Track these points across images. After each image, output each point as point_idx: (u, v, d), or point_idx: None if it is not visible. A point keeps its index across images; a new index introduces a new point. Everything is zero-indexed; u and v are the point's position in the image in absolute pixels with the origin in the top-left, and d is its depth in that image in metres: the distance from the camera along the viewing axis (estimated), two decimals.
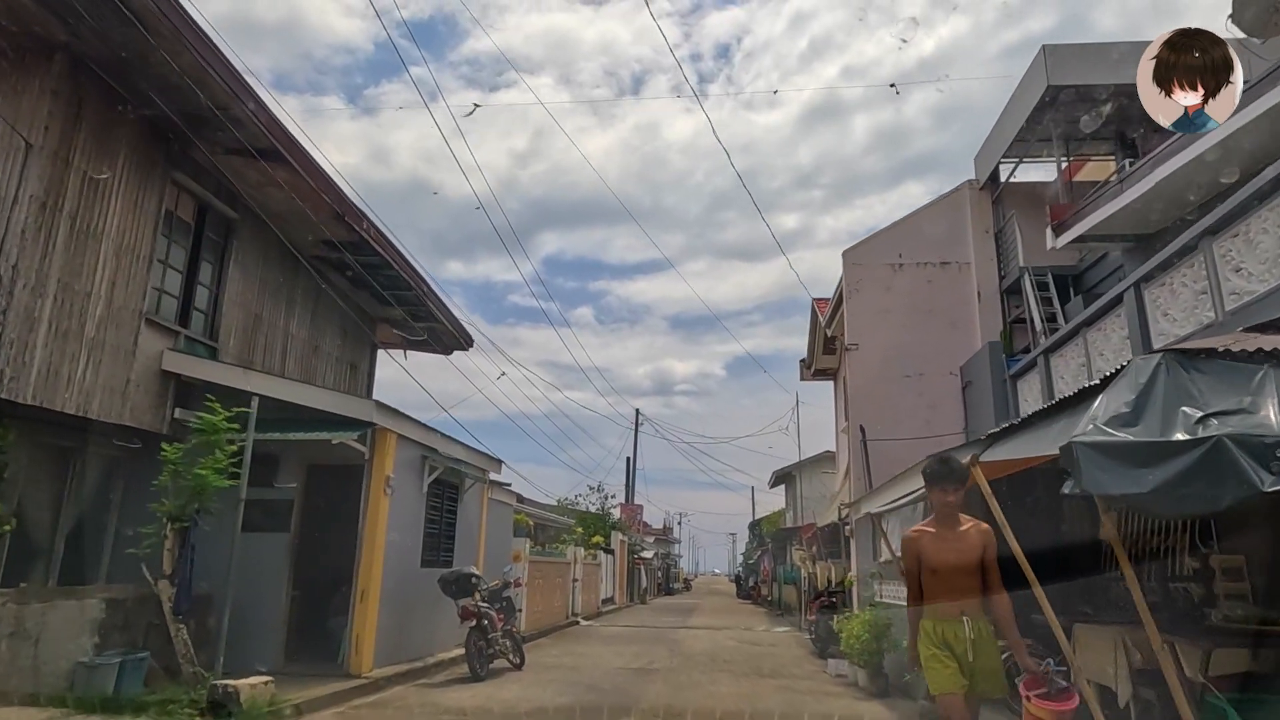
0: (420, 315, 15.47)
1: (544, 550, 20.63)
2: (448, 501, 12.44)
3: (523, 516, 16.94)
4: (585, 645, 16.07)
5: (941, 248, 15.49)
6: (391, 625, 10.16)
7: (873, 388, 15.06)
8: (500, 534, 15.37)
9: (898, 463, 13.90)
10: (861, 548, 13.66)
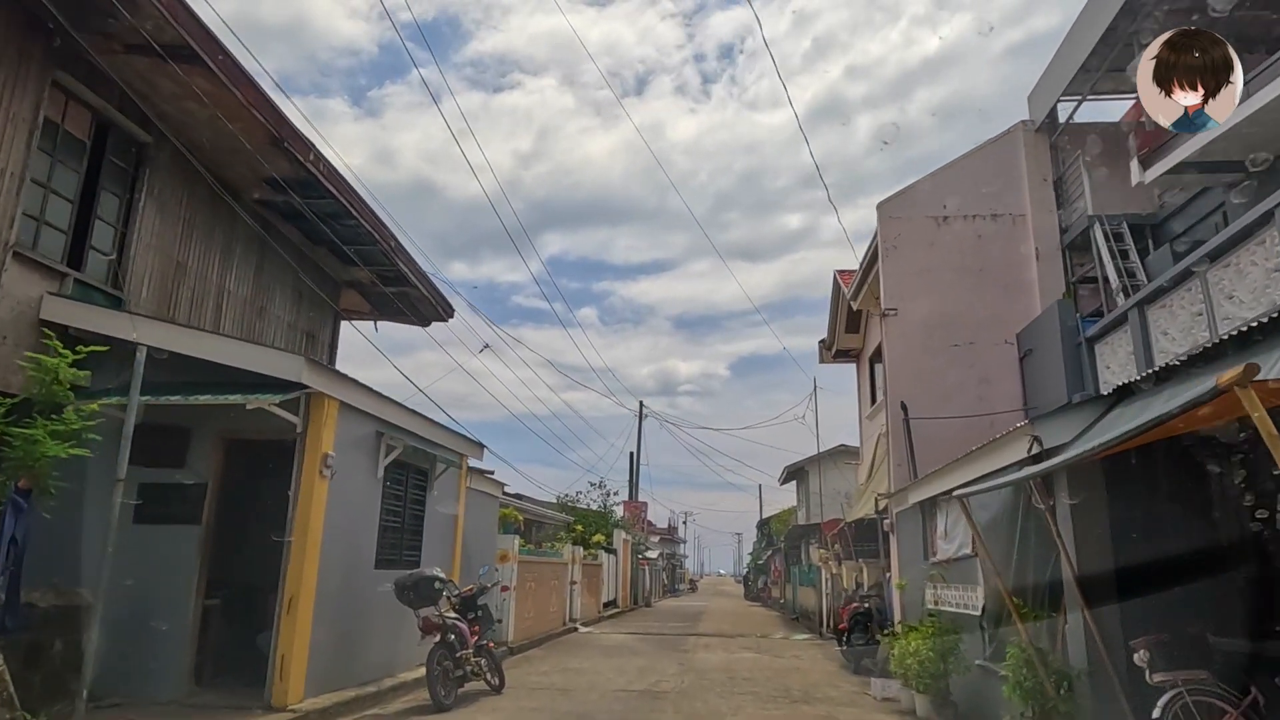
0: (390, 278, 13.40)
1: (538, 549, 18.56)
2: (413, 490, 10.37)
3: (511, 510, 14.92)
4: (582, 658, 13.99)
5: (992, 198, 13.38)
6: (332, 642, 8.10)
7: (915, 359, 12.96)
8: (483, 530, 13.31)
9: (946, 445, 11.83)
10: (906, 545, 11.56)
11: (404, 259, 12.92)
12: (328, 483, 7.95)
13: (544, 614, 17.44)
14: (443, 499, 11.24)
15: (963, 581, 8.75)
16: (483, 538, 13.37)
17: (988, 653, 7.73)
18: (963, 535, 8.78)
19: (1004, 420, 12.16)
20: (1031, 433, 6.13)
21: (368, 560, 9.01)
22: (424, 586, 8.42)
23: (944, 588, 9.34)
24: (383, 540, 9.41)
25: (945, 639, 8.07)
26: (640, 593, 36.40)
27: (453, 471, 11.52)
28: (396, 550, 9.80)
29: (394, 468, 9.67)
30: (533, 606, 16.35)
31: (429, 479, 10.79)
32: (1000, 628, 7.31)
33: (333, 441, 8.04)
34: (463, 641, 8.80)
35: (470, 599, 9.59)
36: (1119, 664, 5.71)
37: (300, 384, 7.53)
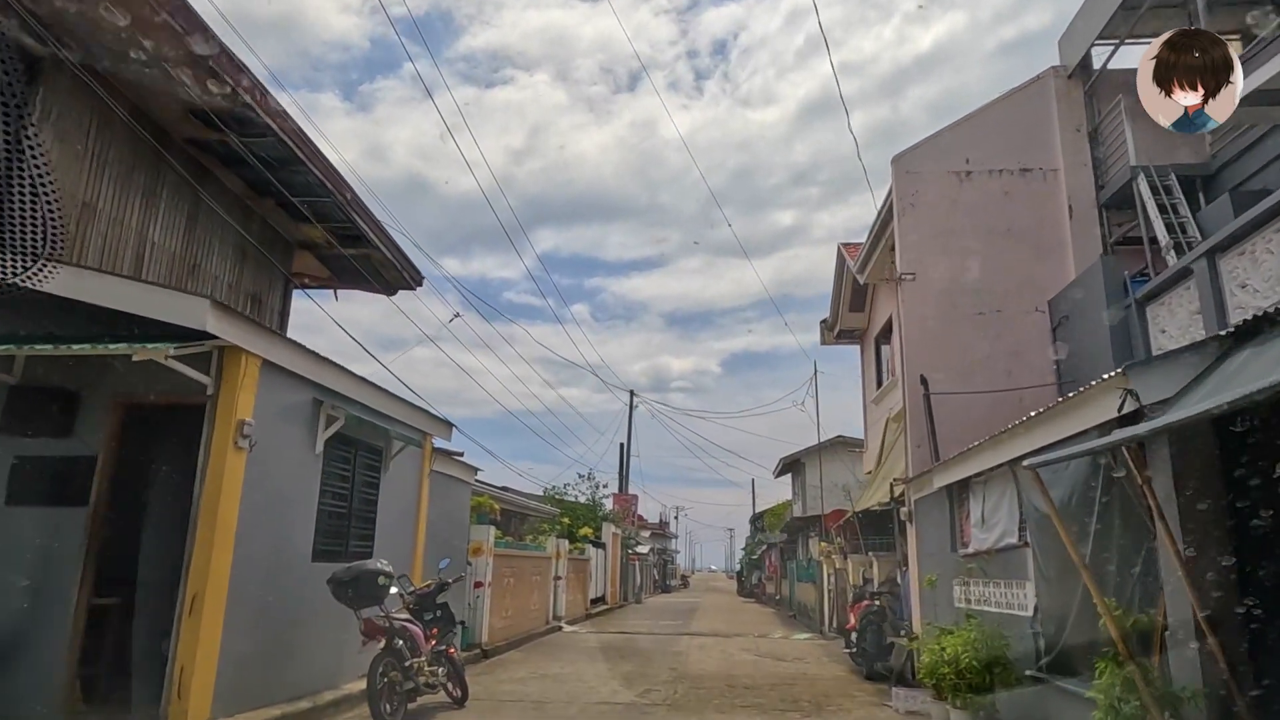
0: (349, 238, 11.97)
1: (518, 542, 17.17)
2: (364, 471, 8.97)
3: (486, 499, 13.55)
4: (564, 661, 12.63)
5: (1020, 151, 12.04)
6: (252, 649, 6.70)
7: (935, 330, 11.61)
8: (451, 519, 11.91)
9: (971, 424, 10.51)
10: (929, 535, 10.23)
11: (363, 215, 11.48)
12: (245, 455, 6.54)
13: (524, 612, 16.06)
14: (401, 483, 9.84)
15: (1006, 576, 7.41)
16: (452, 528, 11.97)
17: (1043, 662, 6.39)
18: (1006, 522, 7.45)
19: (1036, 396, 10.86)
20: (1124, 385, 4.78)
21: (303, 552, 7.60)
22: (366, 582, 7.02)
23: (981, 584, 8.00)
24: (324, 528, 8.00)
25: (992, 645, 6.73)
26: (630, 589, 35.07)
27: (413, 452, 10.11)
28: (341, 540, 8.40)
29: (338, 443, 8.27)
30: (511, 604, 14.97)
31: (383, 459, 9.38)
32: (1064, 633, 5.97)
33: (252, 406, 6.63)
34: (415, 647, 7.41)
35: (428, 597, 8.21)
36: (1244, 684, 4.37)
37: (204, 333, 6.11)
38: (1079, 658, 5.85)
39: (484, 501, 13.42)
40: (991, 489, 7.84)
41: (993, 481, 7.83)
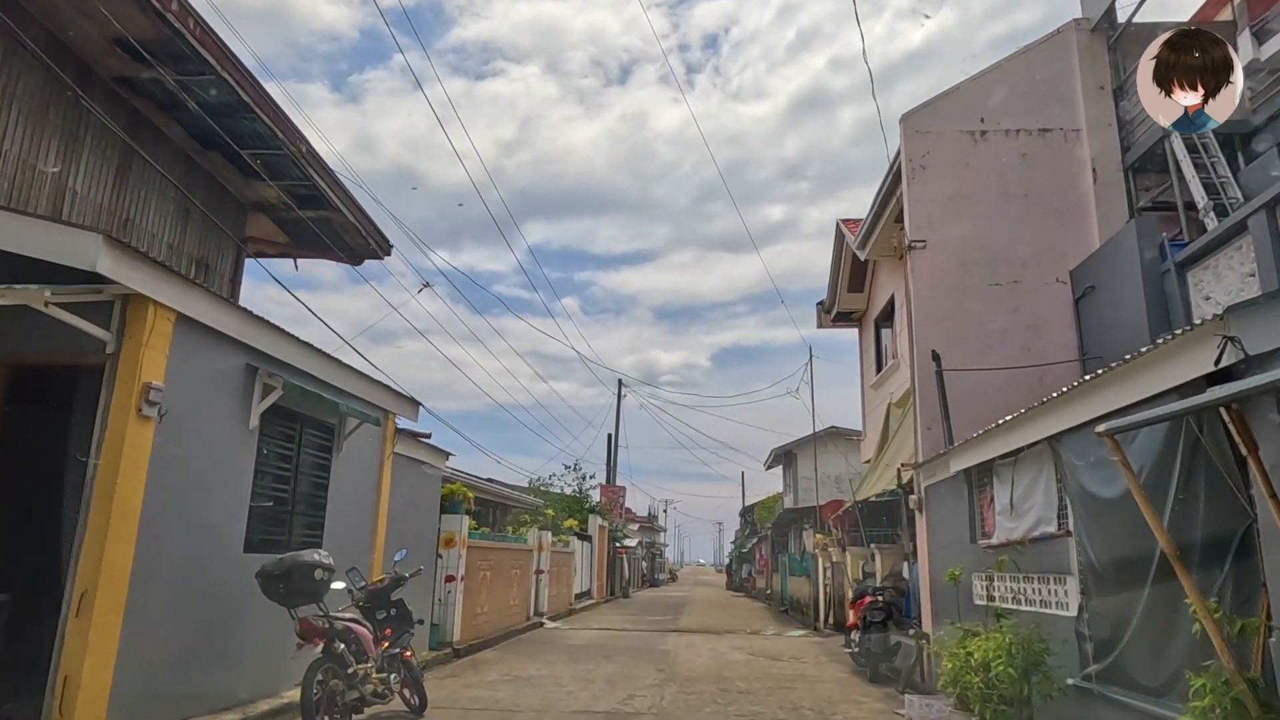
0: (307, 198, 10.90)
1: (496, 534, 16.18)
2: (312, 451, 7.94)
3: (459, 486, 12.52)
4: (542, 662, 11.65)
5: (1039, 109, 11.10)
6: (164, 654, 5.69)
7: (947, 302, 10.66)
8: (418, 508, 10.88)
9: (987, 405, 9.57)
10: (942, 525, 9.29)
11: (321, 171, 10.41)
12: (153, 426, 5.51)
13: (502, 608, 15.06)
14: (358, 466, 8.82)
15: (1042, 570, 6.47)
16: (420, 517, 10.95)
17: (1091, 670, 5.45)
18: (1042, 508, 6.51)
19: (1058, 374, 9.95)
20: (1222, 332, 3.82)
21: (232, 541, 6.57)
22: (300, 576, 6.00)
23: (1009, 579, 7.06)
24: (260, 515, 6.97)
25: (1030, 650, 5.78)
26: (618, 583, 34.15)
27: (372, 432, 9.09)
28: (283, 528, 7.37)
29: (279, 418, 7.24)
30: (487, 599, 13.97)
31: (336, 438, 8.35)
32: (1123, 637, 5.03)
33: (163, 368, 5.59)
34: (360, 651, 6.40)
35: (380, 593, 7.20)
36: None
37: (99, 275, 5.06)
38: (1141, 666, 4.91)
39: (457, 489, 12.41)
40: (1023, 471, 6.90)
41: (1025, 463, 6.89)
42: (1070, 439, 5.74)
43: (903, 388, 14.62)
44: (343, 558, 7.53)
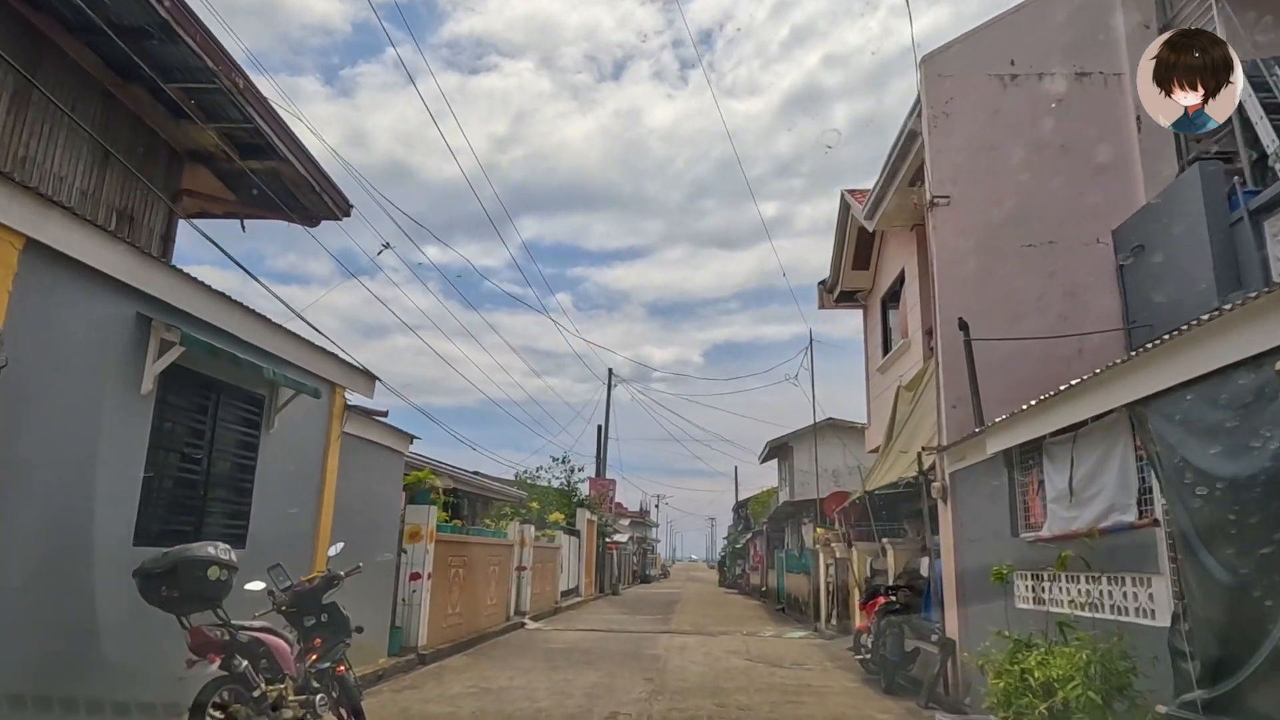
0: (250, 147, 9.59)
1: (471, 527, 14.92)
2: (231, 426, 6.67)
3: (427, 473, 11.27)
4: (517, 669, 10.42)
5: (1076, 51, 9.89)
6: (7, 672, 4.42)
7: (974, 265, 9.46)
8: (375, 497, 9.61)
9: (1020, 381, 8.43)
10: (975, 516, 8.10)
11: (263, 112, 9.09)
12: None
13: (477, 608, 13.82)
14: (295, 445, 7.56)
15: (1115, 568, 5.27)
16: (377, 508, 9.68)
17: (1198, 696, 4.25)
18: (1115, 492, 5.31)
19: (1099, 345, 8.78)
20: None
21: (115, 532, 5.30)
22: (188, 575, 4.73)
23: (1066, 579, 5.86)
24: (158, 499, 5.71)
25: (1110, 669, 4.56)
26: (607, 579, 32.95)
27: (315, 407, 7.82)
28: (191, 516, 6.11)
29: (186, 384, 5.98)
30: (460, 599, 12.72)
31: (266, 411, 7.08)
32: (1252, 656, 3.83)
33: (4, 307, 4.32)
34: (273, 668, 5.15)
35: (308, 595, 5.93)
36: None
37: None
38: (1278, 696, 3.72)
39: (424, 477, 11.15)
40: (1087, 449, 5.69)
41: (1089, 439, 5.69)
42: (1168, 403, 4.53)
43: (913, 369, 13.44)
44: (276, 553, 6.31)
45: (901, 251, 14.38)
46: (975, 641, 7.99)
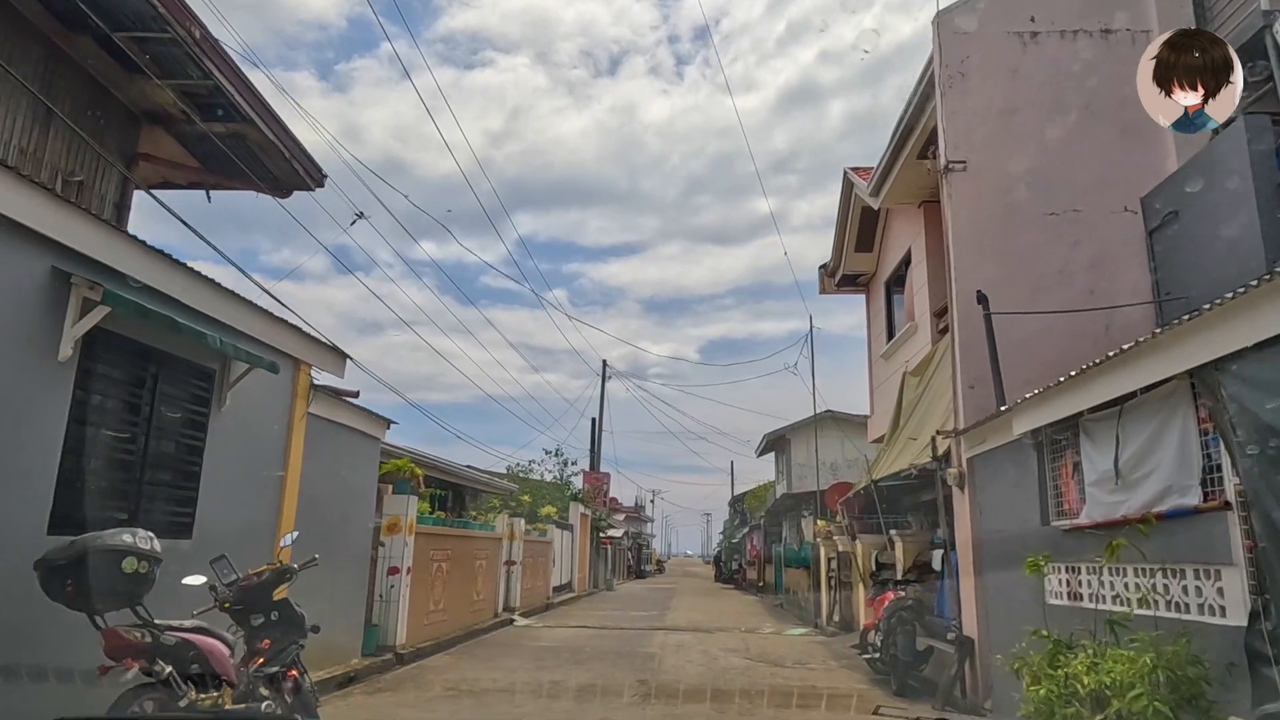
0: (212, 107, 8.87)
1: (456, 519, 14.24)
2: (175, 402, 5.97)
3: (405, 461, 10.58)
4: (501, 670, 9.77)
5: (1101, 7, 9.21)
6: None
7: (992, 235, 8.81)
8: (347, 486, 8.92)
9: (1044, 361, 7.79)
10: (997, 503, 7.45)
11: (225, 70, 8.38)
12: None
13: (462, 604, 13.15)
14: (251, 425, 6.87)
15: (1174, 559, 4.61)
16: (349, 497, 8.99)
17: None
18: (1172, 471, 4.66)
19: (1128, 320, 8.14)
20: None
21: (26, 519, 4.61)
22: (101, 567, 4.05)
23: (1110, 571, 5.20)
24: (81, 482, 5.01)
25: (1179, 674, 3.90)
26: (601, 575, 32.31)
27: (273, 384, 7.12)
28: (125, 502, 5.42)
29: (117, 351, 5.29)
30: (443, 594, 12.05)
31: (216, 387, 6.39)
32: None
33: None
34: (205, 676, 4.46)
35: (256, 591, 5.26)
36: None
37: None
38: None
39: (403, 465, 10.46)
40: (1137, 423, 5.04)
41: (1139, 412, 5.03)
42: (1251, 364, 3.87)
43: (920, 353, 12.80)
44: (230, 545, 5.63)
45: (908, 230, 13.73)
46: (997, 640, 7.35)
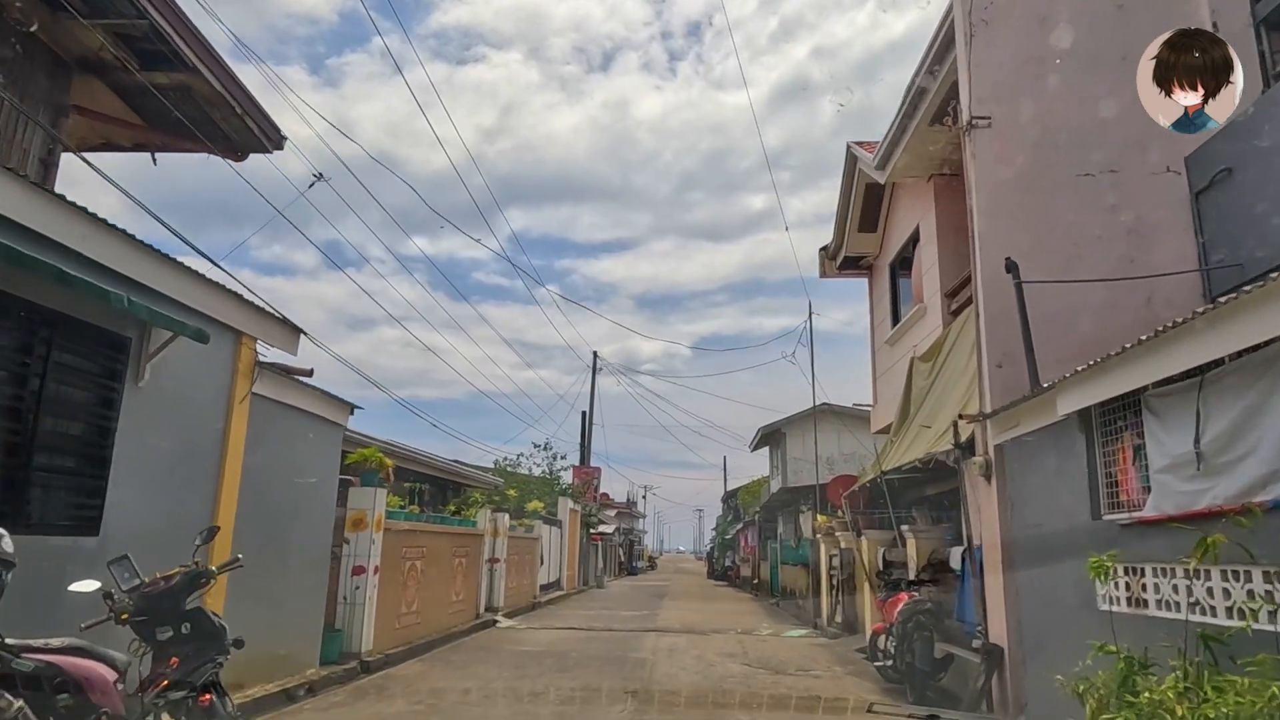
0: (151, 52, 7.93)
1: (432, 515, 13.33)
2: (76, 375, 5.05)
3: (373, 451, 9.64)
4: (478, 679, 8.88)
5: None
6: None
7: (1020, 197, 7.95)
8: (302, 475, 7.99)
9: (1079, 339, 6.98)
10: (1034, 495, 6.58)
11: (160, 6, 7.45)
12: None
13: (439, 605, 12.25)
14: (179, 405, 5.95)
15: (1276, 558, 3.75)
16: (303, 490, 8.05)
17: None
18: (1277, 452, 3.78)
19: (1172, 290, 7.32)
20: None
21: None
22: None
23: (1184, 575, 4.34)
24: None
25: None
26: (592, 572, 31.45)
27: (208, 358, 6.20)
28: (12, 495, 4.50)
29: None
30: (417, 595, 11.15)
31: (132, 357, 5.46)
32: None
33: None
34: (81, 704, 3.56)
35: (163, 599, 4.35)
36: None
37: None
38: None
39: (371, 454, 9.53)
40: (1224, 397, 4.18)
41: (1226, 383, 4.18)
42: None
43: (930, 337, 11.96)
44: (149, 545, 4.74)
45: (916, 207, 12.89)
46: (1033, 649, 6.51)
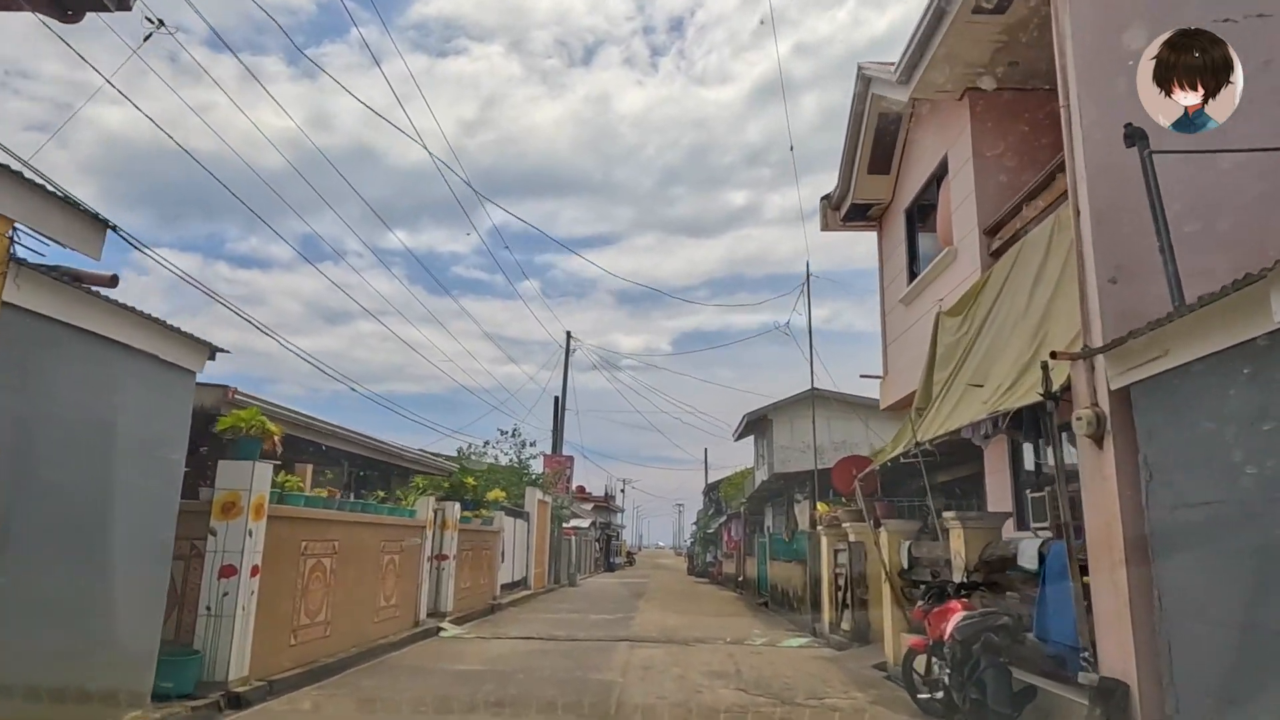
0: None
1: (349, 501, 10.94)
2: None
3: (254, 413, 7.20)
4: (385, 712, 6.55)
5: None
6: None
7: (1133, 51, 5.72)
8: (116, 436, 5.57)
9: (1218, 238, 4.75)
10: (1185, 459, 4.36)
11: None
12: None
13: (359, 613, 9.88)
14: None
15: None
16: (125, 460, 5.62)
17: None
18: None
19: None
20: None
21: None
22: None
23: None
24: None
25: None
26: (564, 569, 29.12)
27: None
28: None
29: None
30: (325, 601, 8.78)
31: None
32: None
33: None
34: None
35: None
36: None
37: None
38: None
39: (248, 416, 7.15)
40: None
41: None
42: None
43: (962, 285, 9.75)
44: None
45: (945, 133, 10.74)
46: (1186, 691, 4.32)
